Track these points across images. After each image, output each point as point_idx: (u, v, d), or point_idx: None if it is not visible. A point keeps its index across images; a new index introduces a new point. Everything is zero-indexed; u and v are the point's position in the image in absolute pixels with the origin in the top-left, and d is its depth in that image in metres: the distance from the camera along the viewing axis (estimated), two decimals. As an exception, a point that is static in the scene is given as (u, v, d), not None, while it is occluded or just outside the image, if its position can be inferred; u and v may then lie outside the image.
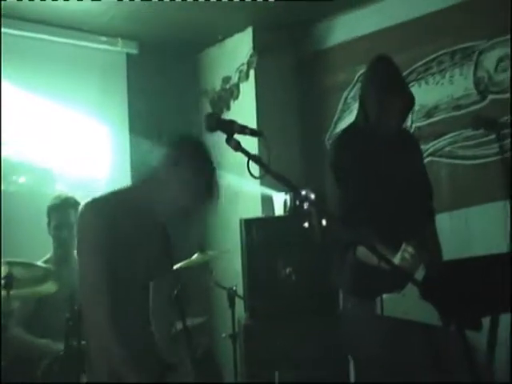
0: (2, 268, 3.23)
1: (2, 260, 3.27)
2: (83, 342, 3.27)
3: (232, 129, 2.10)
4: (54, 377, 3.20)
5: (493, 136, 3.17)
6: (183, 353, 2.63)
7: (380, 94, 2.81)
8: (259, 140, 2.18)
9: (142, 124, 5.07)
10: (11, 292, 3.20)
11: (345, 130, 3.09)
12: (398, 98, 2.83)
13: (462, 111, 4.15)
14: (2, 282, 3.21)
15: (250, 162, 2.05)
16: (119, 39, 5.09)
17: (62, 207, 3.87)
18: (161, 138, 2.61)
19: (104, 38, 5.02)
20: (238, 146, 2.05)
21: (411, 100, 2.89)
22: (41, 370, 3.25)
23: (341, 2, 4.77)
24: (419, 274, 2.59)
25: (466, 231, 3.96)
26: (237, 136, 2.09)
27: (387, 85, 2.82)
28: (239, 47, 5.17)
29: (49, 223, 3.90)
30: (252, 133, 2.11)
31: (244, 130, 2.07)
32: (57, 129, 4.75)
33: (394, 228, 2.83)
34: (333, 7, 4.85)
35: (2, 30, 4.46)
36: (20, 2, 4.30)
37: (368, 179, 2.85)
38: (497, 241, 3.57)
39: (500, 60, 4.01)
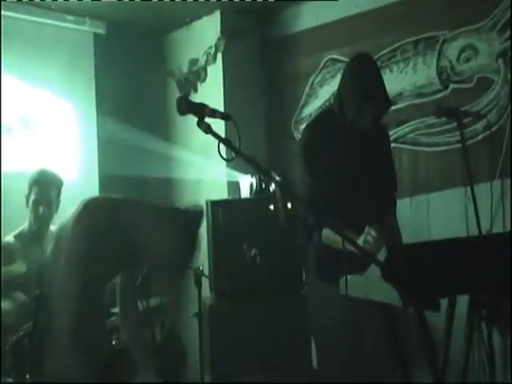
0: None
1: None
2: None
3: (203, 112, 2.15)
4: (23, 352, 3.22)
5: (454, 124, 3.25)
6: (146, 332, 2.68)
7: (358, 96, 2.88)
8: (227, 123, 2.23)
9: (109, 104, 5.07)
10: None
11: (318, 116, 3.16)
12: (375, 103, 2.92)
13: (425, 99, 4.25)
14: None
15: (220, 144, 2.11)
16: (87, 19, 5.06)
17: (42, 183, 3.83)
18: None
19: (71, 18, 4.98)
20: (208, 129, 2.10)
21: (388, 105, 2.98)
22: (9, 345, 3.26)
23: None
24: (381, 257, 2.67)
25: (427, 217, 4.07)
26: (207, 119, 2.15)
27: (366, 88, 2.88)
28: (207, 30, 5.19)
29: (28, 196, 3.84)
30: (222, 116, 2.16)
31: (214, 113, 2.12)
32: (23, 108, 4.72)
33: (358, 213, 2.91)
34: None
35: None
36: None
37: (336, 166, 2.93)
38: (456, 226, 3.69)
39: (462, 50, 4.11)
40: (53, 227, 3.90)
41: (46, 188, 3.81)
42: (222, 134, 2.13)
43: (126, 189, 3.01)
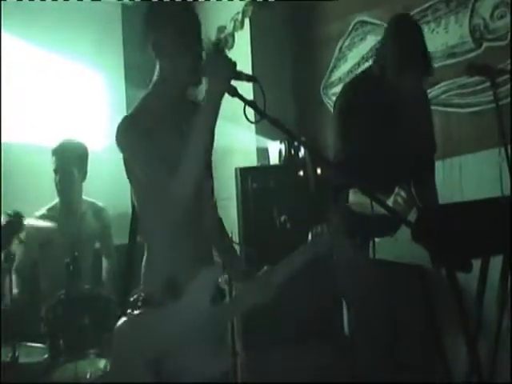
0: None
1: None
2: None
3: None
4: (56, 320, 3.27)
5: (487, 84, 3.16)
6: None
7: (401, 59, 2.83)
8: (254, 89, 2.20)
9: (137, 75, 5.05)
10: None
11: (356, 78, 3.12)
12: (418, 67, 2.87)
13: (457, 59, 4.13)
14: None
15: (246, 107, 2.09)
16: (114, -10, 5.05)
17: (61, 152, 3.85)
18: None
19: (98, -11, 4.97)
20: (234, 92, 2.08)
21: (431, 68, 2.92)
22: (43, 313, 3.32)
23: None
24: (411, 218, 2.64)
25: (460, 179, 3.99)
26: (233, 82, 2.12)
27: (410, 51, 2.84)
28: (234, -4, 5.13)
29: (53, 169, 3.88)
30: (248, 78, 2.14)
31: (240, 75, 2.10)
32: (53, 80, 4.74)
33: (392, 175, 2.88)
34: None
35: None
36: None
37: (373, 128, 2.89)
38: (490, 188, 3.61)
39: (496, 7, 3.98)
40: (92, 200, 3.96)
41: (65, 158, 3.83)
42: (251, 94, 2.12)
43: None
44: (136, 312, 2.15)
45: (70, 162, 3.82)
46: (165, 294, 2.14)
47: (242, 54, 5.02)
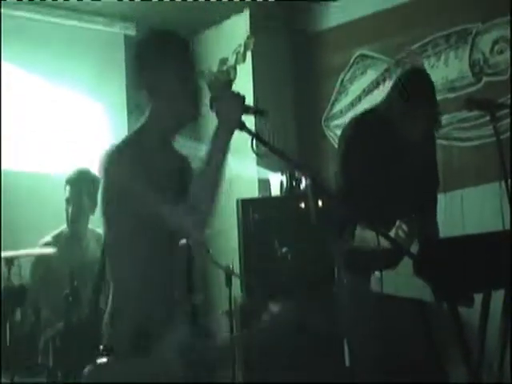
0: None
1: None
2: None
3: None
4: (55, 352, 3.25)
5: (487, 118, 3.18)
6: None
7: (411, 110, 2.87)
8: (256, 120, 2.20)
9: (139, 105, 5.08)
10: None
11: (365, 114, 3.14)
12: (427, 119, 2.91)
13: (458, 93, 4.18)
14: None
15: (254, 140, 2.09)
16: (117, 21, 5.10)
17: (73, 181, 3.86)
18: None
19: (101, 19, 5.03)
20: (242, 126, 2.08)
21: (438, 118, 2.97)
22: (41, 344, 3.30)
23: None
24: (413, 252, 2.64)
25: (461, 212, 4.00)
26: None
27: (421, 105, 2.88)
28: (236, 29, 5.19)
29: (65, 199, 3.89)
30: (256, 112, 2.14)
31: (248, 109, 2.09)
32: (55, 109, 4.77)
33: (393, 209, 2.88)
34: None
35: (3, 11, 4.49)
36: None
37: (376, 163, 2.91)
38: (491, 222, 3.62)
39: (495, 42, 4.04)
40: (92, 227, 3.96)
41: (78, 189, 3.84)
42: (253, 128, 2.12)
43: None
44: (103, 359, 2.05)
45: (84, 193, 3.83)
46: (133, 343, 2.04)
47: (243, 86, 5.05)
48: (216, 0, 4.87)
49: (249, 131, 2.06)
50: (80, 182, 3.84)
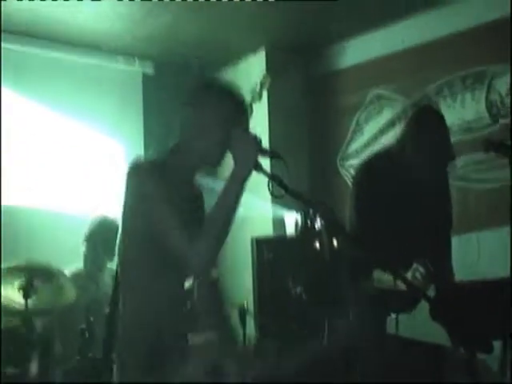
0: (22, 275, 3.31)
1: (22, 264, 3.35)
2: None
3: None
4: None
5: (505, 160, 3.17)
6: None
7: (425, 149, 2.87)
8: (271, 160, 2.21)
9: (156, 143, 5.13)
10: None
11: (378, 156, 3.14)
12: (441, 157, 2.90)
13: (474, 134, 4.18)
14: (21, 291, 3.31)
15: (270, 181, 2.09)
16: (136, 59, 5.17)
17: (90, 238, 3.93)
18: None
19: (121, 58, 5.10)
20: (259, 167, 2.09)
21: (452, 157, 2.96)
22: (55, 379, 3.29)
23: (353, 25, 4.84)
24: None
25: (477, 255, 3.96)
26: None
27: (433, 142, 2.88)
28: (252, 68, 5.24)
29: (84, 241, 3.96)
30: (272, 155, 2.15)
31: (264, 152, 2.11)
32: (73, 146, 4.82)
33: (408, 251, 2.87)
34: (345, 29, 4.92)
35: (25, 49, 4.60)
36: (43, 21, 4.41)
37: (391, 204, 2.89)
38: (508, 265, 3.58)
39: (512, 84, 4.05)
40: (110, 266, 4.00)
41: (94, 246, 3.95)
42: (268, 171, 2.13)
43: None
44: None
45: (100, 249, 3.91)
46: (140, 374, 2.04)
47: (260, 124, 5.09)
48: (233, 39, 4.93)
49: (265, 172, 2.07)
50: (97, 240, 3.93)
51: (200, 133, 2.15)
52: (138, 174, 2.11)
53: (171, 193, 2.07)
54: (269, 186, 2.07)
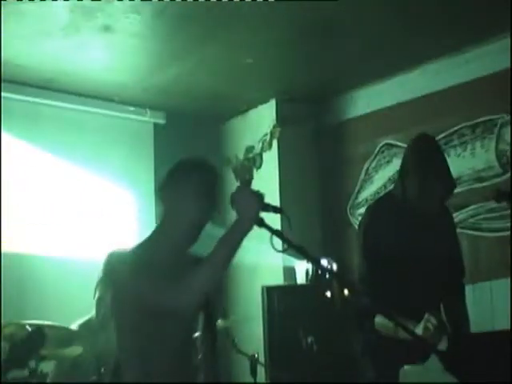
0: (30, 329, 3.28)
1: (31, 322, 3.34)
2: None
3: None
4: None
5: (516, 209, 3.17)
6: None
7: (423, 176, 2.84)
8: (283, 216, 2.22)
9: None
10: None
11: (379, 200, 3.14)
12: (440, 182, 2.88)
13: (485, 183, 4.17)
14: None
15: (273, 236, 2.11)
16: (147, 110, 5.24)
17: (105, 282, 3.92)
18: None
19: (133, 109, 5.17)
20: (261, 223, 2.11)
21: (453, 185, 2.94)
22: None
23: (361, 76, 4.90)
24: (442, 346, 2.57)
25: (490, 305, 3.92)
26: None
27: (431, 167, 2.86)
28: (262, 118, 5.30)
29: (95, 291, 3.94)
30: (274, 210, 2.17)
31: (267, 207, 2.13)
32: (84, 196, 4.85)
33: (418, 301, 2.83)
34: (354, 80, 4.99)
35: (36, 99, 4.67)
36: (56, 73, 4.50)
37: (397, 252, 2.87)
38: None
39: (521, 133, 4.06)
40: None
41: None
42: (278, 220, 2.15)
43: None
44: None
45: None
46: None
47: (269, 174, 5.13)
48: (243, 90, 5.00)
49: (268, 228, 2.09)
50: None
51: (172, 220, 2.23)
52: (108, 264, 2.21)
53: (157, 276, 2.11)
54: (271, 240, 2.09)
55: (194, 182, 2.25)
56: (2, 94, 4.49)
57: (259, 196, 2.11)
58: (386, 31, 4.20)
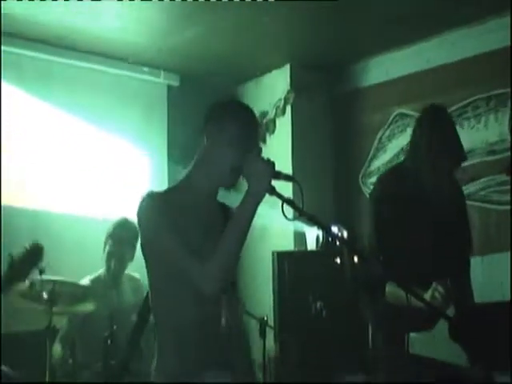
0: (46, 286, 3.38)
1: (46, 278, 3.40)
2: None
3: None
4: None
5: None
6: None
7: (433, 147, 2.85)
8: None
9: (180, 154, 5.19)
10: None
11: (390, 171, 3.16)
12: (450, 153, 2.89)
13: (497, 156, 4.18)
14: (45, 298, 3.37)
15: (284, 204, 2.12)
16: (162, 71, 5.23)
17: (116, 236, 3.98)
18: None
19: (147, 69, 5.17)
20: (272, 191, 2.12)
21: (463, 156, 2.95)
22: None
23: (377, 44, 4.88)
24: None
25: (499, 276, 3.96)
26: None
27: (441, 138, 2.87)
28: (277, 83, 5.29)
29: (104, 245, 4.00)
30: (286, 178, 2.17)
31: (279, 175, 2.14)
32: (97, 154, 4.89)
33: (426, 270, 2.87)
34: (369, 48, 4.97)
35: (53, 58, 4.69)
36: (71, 32, 4.50)
37: (406, 222, 2.90)
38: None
39: (536, 106, 4.06)
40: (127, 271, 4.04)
41: (119, 241, 3.96)
42: (289, 187, 2.17)
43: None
44: None
45: (125, 247, 3.94)
46: None
47: (283, 139, 5.14)
48: (258, 54, 4.98)
49: (279, 196, 2.10)
50: (122, 237, 3.95)
51: (213, 157, 2.18)
52: (140, 206, 2.19)
53: (183, 217, 2.11)
54: (282, 208, 2.10)
55: (241, 121, 2.19)
56: (17, 50, 4.52)
57: (270, 164, 2.09)
58: (404, -1, 4.17)
